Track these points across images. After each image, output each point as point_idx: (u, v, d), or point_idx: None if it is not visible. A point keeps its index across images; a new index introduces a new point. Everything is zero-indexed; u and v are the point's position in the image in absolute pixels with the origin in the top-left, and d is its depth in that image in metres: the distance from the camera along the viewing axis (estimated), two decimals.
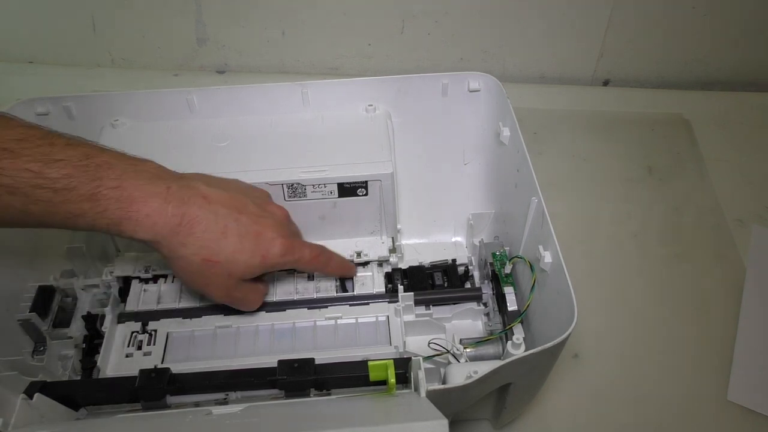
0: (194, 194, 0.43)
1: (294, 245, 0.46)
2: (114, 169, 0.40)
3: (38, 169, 0.37)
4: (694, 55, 0.83)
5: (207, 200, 0.43)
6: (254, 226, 0.45)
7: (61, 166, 0.38)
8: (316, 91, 0.56)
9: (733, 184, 0.73)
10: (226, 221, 0.43)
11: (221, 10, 0.79)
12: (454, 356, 0.47)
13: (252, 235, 0.44)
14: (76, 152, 0.39)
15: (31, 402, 0.39)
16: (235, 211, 0.44)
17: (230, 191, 0.46)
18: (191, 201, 0.42)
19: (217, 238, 0.43)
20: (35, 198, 0.38)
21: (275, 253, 0.45)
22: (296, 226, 0.52)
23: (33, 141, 0.38)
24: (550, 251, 0.45)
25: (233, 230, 0.44)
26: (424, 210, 0.59)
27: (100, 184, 0.39)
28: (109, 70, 0.85)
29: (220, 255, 0.43)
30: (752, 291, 0.62)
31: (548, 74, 0.86)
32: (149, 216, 0.41)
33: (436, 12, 0.79)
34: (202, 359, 0.48)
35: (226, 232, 0.43)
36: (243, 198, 0.46)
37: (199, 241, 0.42)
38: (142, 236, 0.41)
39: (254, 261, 0.44)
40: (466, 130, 0.58)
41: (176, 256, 0.43)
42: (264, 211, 0.46)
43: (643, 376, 0.56)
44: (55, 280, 0.51)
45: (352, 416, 0.39)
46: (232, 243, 0.43)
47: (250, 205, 0.46)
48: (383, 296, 0.52)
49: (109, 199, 0.39)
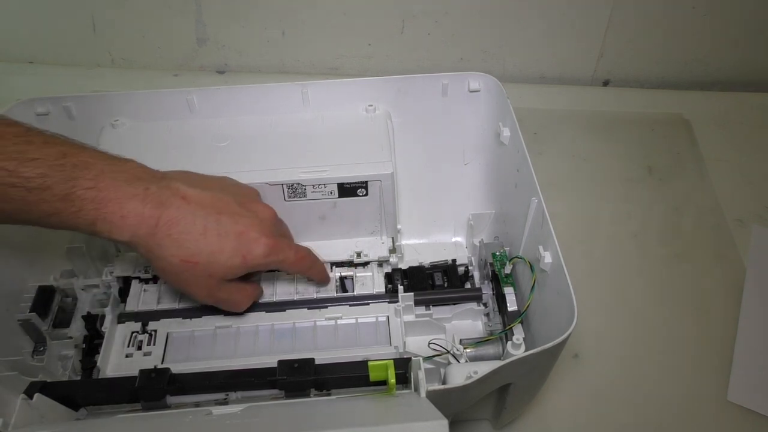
0: (173, 195, 0.42)
1: (278, 245, 0.46)
2: (91, 169, 0.40)
3: (12, 167, 0.37)
4: (694, 55, 0.83)
5: (186, 200, 0.43)
6: (236, 226, 0.44)
7: (36, 165, 0.38)
8: (316, 91, 0.56)
9: (733, 184, 0.73)
10: (206, 221, 0.43)
11: (221, 10, 0.79)
12: (454, 356, 0.47)
13: (233, 234, 0.44)
14: (53, 151, 0.39)
15: (31, 402, 0.39)
16: (215, 211, 0.44)
17: (213, 191, 0.45)
18: (169, 202, 0.42)
19: (196, 239, 0.42)
20: (9, 196, 0.37)
21: (258, 254, 0.44)
22: (285, 227, 0.51)
23: (9, 139, 0.38)
24: (550, 251, 0.45)
25: (213, 230, 0.43)
26: (424, 210, 0.59)
27: (75, 184, 0.39)
28: (109, 70, 0.85)
29: (199, 256, 0.43)
30: (752, 291, 0.62)
31: (548, 74, 0.86)
32: (124, 217, 0.40)
33: (436, 12, 0.79)
34: (202, 359, 0.48)
35: (206, 232, 0.43)
36: (225, 197, 0.45)
37: (177, 242, 0.42)
38: (117, 237, 0.41)
39: (235, 261, 0.44)
40: (466, 130, 0.58)
41: (155, 257, 0.42)
42: (249, 211, 0.46)
43: (643, 376, 0.56)
44: (55, 280, 0.51)
45: (352, 416, 0.39)
46: (212, 243, 0.43)
47: (233, 204, 0.45)
48: (383, 296, 0.52)
49: (84, 200, 0.39)
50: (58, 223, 0.39)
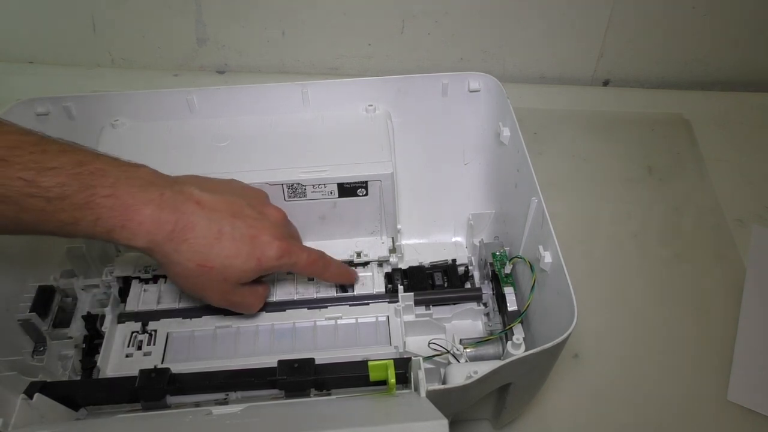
0: (187, 199, 0.43)
1: (291, 248, 0.46)
2: (107, 177, 0.39)
3: (31, 177, 0.37)
4: (694, 55, 0.83)
5: (200, 205, 0.43)
6: (250, 230, 0.44)
7: (54, 174, 0.38)
8: (316, 91, 0.56)
9: (733, 184, 0.73)
10: (221, 225, 0.43)
11: (221, 10, 0.79)
12: (454, 356, 0.47)
13: (247, 238, 0.44)
14: (70, 159, 0.39)
15: (31, 402, 0.39)
16: (230, 215, 0.44)
17: (225, 194, 0.45)
18: (184, 207, 0.42)
19: (211, 243, 0.42)
20: (28, 207, 0.37)
21: (271, 256, 0.44)
22: (295, 229, 0.51)
23: (26, 148, 0.37)
24: (550, 251, 0.45)
25: (228, 234, 0.43)
26: (424, 210, 0.59)
27: (93, 192, 0.39)
28: (109, 70, 0.85)
29: (214, 260, 0.43)
30: (752, 291, 0.62)
31: (548, 74, 0.86)
32: (142, 224, 0.40)
33: (436, 12, 0.79)
34: (202, 359, 0.48)
35: (221, 236, 0.43)
36: (238, 201, 0.45)
37: (193, 246, 0.42)
38: (136, 243, 0.41)
39: (249, 265, 0.44)
40: (466, 130, 0.58)
41: (171, 262, 0.42)
42: (260, 214, 0.46)
43: (643, 376, 0.56)
44: (55, 280, 0.51)
45: (352, 416, 0.39)
46: (227, 247, 0.43)
47: (246, 207, 0.45)
48: (383, 296, 0.52)
49: (103, 208, 0.39)
50: (74, 231, 0.39)
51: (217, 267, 0.43)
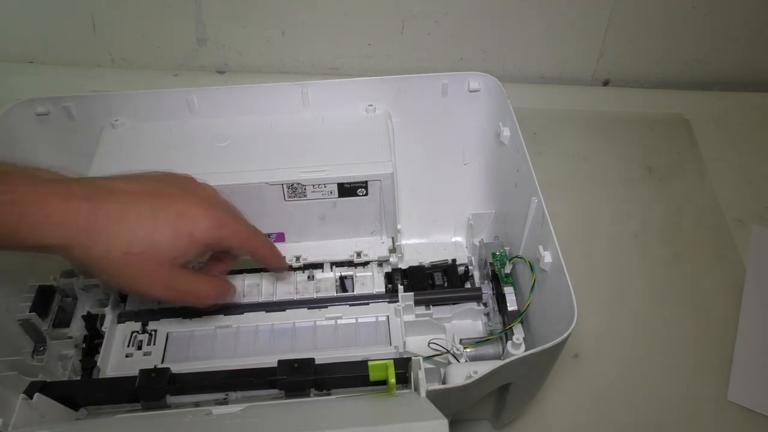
0: (98, 188, 0.40)
1: (225, 219, 0.43)
2: (9, 177, 0.37)
3: None
4: (694, 55, 0.83)
5: (112, 193, 0.40)
6: (173, 207, 0.41)
7: None
8: (316, 91, 0.56)
9: (733, 184, 0.73)
10: (139, 209, 0.40)
11: (221, 10, 0.79)
12: (454, 356, 0.47)
13: (172, 215, 0.41)
14: None
15: (31, 402, 0.39)
16: (148, 195, 0.41)
17: (140, 180, 0.43)
18: (95, 195, 0.39)
19: (133, 228, 0.40)
20: None
21: (205, 227, 0.42)
22: (234, 207, 0.47)
23: None
24: (550, 251, 0.45)
25: (148, 216, 0.40)
26: (424, 210, 0.59)
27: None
28: (109, 70, 0.85)
29: (139, 245, 0.40)
30: (752, 291, 0.62)
31: (548, 74, 0.86)
32: (49, 216, 0.37)
33: (436, 12, 0.79)
34: (202, 359, 0.48)
35: (140, 219, 0.40)
36: (155, 183, 0.43)
37: (112, 234, 0.39)
38: (48, 240, 0.37)
39: (181, 241, 0.41)
40: (466, 130, 0.58)
41: (93, 257, 0.39)
42: (185, 192, 0.43)
43: (643, 377, 0.56)
44: (55, 280, 0.51)
45: (352, 416, 0.39)
46: (150, 227, 0.40)
47: (165, 188, 0.43)
48: (383, 296, 0.52)
49: (3, 204, 0.36)
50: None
51: (145, 251, 0.40)
